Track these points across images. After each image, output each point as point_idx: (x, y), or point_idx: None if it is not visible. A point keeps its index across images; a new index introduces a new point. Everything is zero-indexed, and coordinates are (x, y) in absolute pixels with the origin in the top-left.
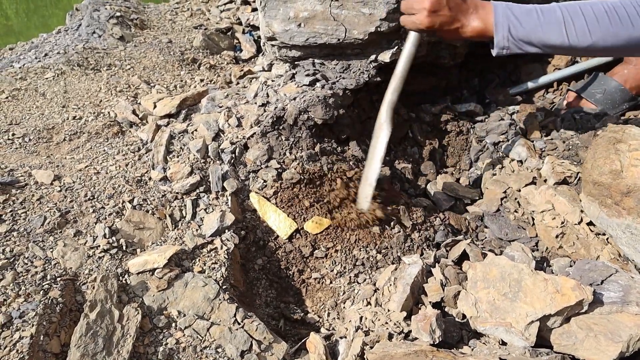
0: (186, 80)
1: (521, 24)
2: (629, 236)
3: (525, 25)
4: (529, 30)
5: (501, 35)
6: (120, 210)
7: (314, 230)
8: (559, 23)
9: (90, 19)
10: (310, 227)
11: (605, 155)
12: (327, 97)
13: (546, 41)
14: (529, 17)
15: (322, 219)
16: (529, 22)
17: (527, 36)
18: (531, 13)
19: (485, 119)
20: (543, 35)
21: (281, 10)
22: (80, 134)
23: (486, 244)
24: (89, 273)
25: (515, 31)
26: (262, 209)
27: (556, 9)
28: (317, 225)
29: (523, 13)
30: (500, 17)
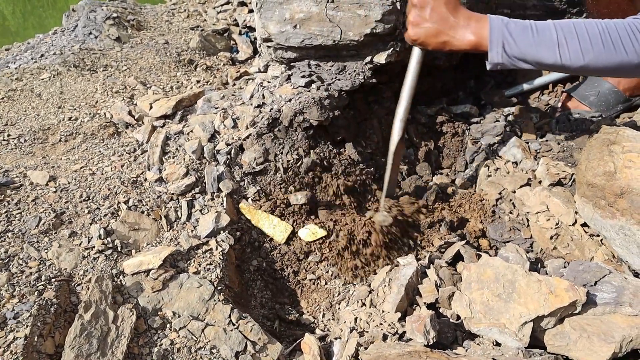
0: (182, 81)
1: (516, 42)
2: (622, 237)
3: (520, 43)
4: (523, 49)
5: (495, 51)
6: (115, 211)
7: (307, 239)
8: (553, 43)
9: (87, 20)
10: (305, 235)
11: (599, 157)
12: (322, 98)
13: (539, 60)
14: (524, 35)
15: (317, 229)
16: (524, 40)
17: (522, 54)
18: (526, 31)
19: (481, 120)
20: (537, 54)
21: (277, 11)
22: (76, 135)
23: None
24: (84, 274)
25: (510, 48)
26: (254, 219)
27: (551, 28)
28: (312, 234)
29: (518, 30)
30: (495, 32)
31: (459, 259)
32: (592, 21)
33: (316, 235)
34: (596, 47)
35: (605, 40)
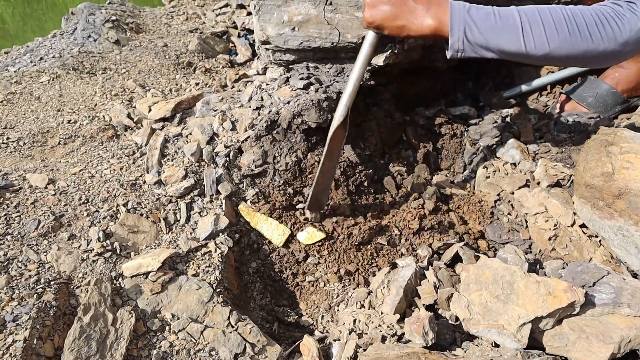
0: (181, 83)
1: (478, 28)
2: (620, 238)
3: (482, 29)
4: (486, 35)
5: (456, 37)
6: (114, 214)
7: (306, 242)
8: (517, 29)
9: (86, 23)
10: (303, 238)
11: (597, 158)
12: (321, 100)
13: (502, 47)
14: (487, 21)
15: (315, 232)
16: (486, 26)
17: (484, 41)
18: (489, 17)
19: (479, 122)
20: (499, 41)
21: (275, 14)
22: (75, 138)
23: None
24: (83, 276)
25: (472, 35)
26: (252, 220)
27: (515, 14)
28: (310, 237)
29: (481, 16)
30: (456, 17)
31: (457, 260)
32: (557, 7)
33: (315, 238)
34: (561, 33)
35: (571, 27)
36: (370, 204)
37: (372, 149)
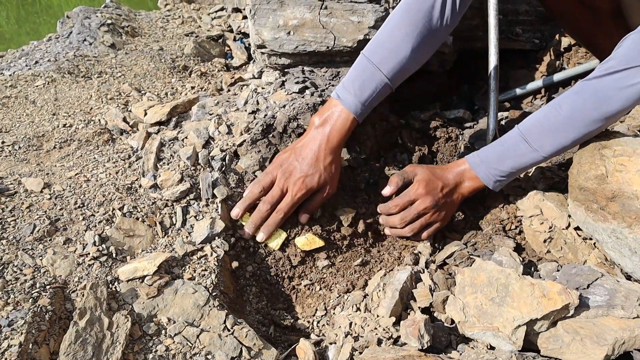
0: (177, 87)
1: (500, 167)
2: (614, 241)
3: (504, 164)
4: (510, 166)
5: (492, 184)
6: (110, 218)
7: (304, 247)
8: (529, 150)
9: (81, 27)
10: (301, 243)
11: (590, 161)
12: (316, 104)
13: (525, 166)
14: (504, 156)
15: (315, 239)
16: (505, 160)
17: (513, 168)
18: (503, 152)
19: (474, 125)
20: (521, 165)
21: (271, 18)
22: (71, 142)
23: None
24: (79, 281)
25: (500, 173)
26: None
27: (517, 137)
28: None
29: (497, 156)
30: (483, 171)
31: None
32: (550, 107)
33: (314, 244)
34: (568, 128)
35: (574, 117)
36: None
37: (367, 153)
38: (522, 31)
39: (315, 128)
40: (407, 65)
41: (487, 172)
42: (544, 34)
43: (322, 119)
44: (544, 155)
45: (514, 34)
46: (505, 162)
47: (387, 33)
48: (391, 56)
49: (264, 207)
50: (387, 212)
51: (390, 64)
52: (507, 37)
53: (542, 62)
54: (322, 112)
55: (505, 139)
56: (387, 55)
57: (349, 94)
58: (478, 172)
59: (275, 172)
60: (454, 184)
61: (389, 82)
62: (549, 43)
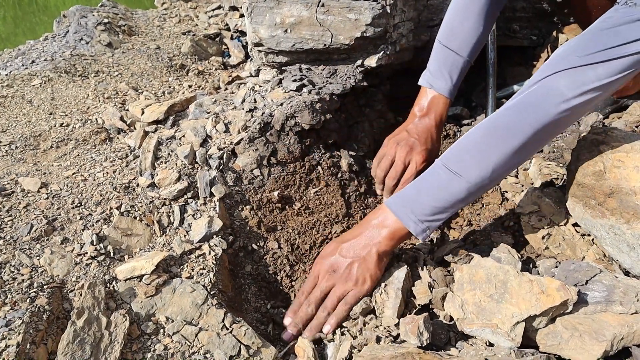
0: (174, 86)
1: (421, 204)
2: (612, 236)
3: (424, 200)
4: (431, 202)
5: (412, 224)
6: (107, 217)
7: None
8: (451, 177)
9: (78, 26)
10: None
11: (588, 157)
12: (313, 102)
13: (455, 201)
14: (423, 190)
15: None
16: (424, 195)
17: (435, 207)
18: (422, 185)
19: (472, 122)
20: (446, 199)
21: (267, 16)
22: (68, 141)
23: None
24: (77, 280)
25: (421, 209)
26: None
27: (438, 169)
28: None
29: (416, 191)
30: (401, 212)
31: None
32: (472, 128)
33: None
34: (489, 145)
35: (494, 132)
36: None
37: (365, 150)
38: (519, 28)
39: (419, 118)
40: (481, 40)
41: (406, 212)
42: (541, 31)
43: (423, 108)
44: (468, 182)
45: (511, 30)
46: (425, 196)
47: (458, 17)
48: (467, 39)
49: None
50: (296, 309)
51: (467, 46)
52: (505, 33)
53: (539, 58)
54: (419, 102)
55: (426, 172)
56: (463, 40)
57: (439, 80)
58: (397, 214)
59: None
60: (362, 236)
61: (469, 60)
62: (546, 40)
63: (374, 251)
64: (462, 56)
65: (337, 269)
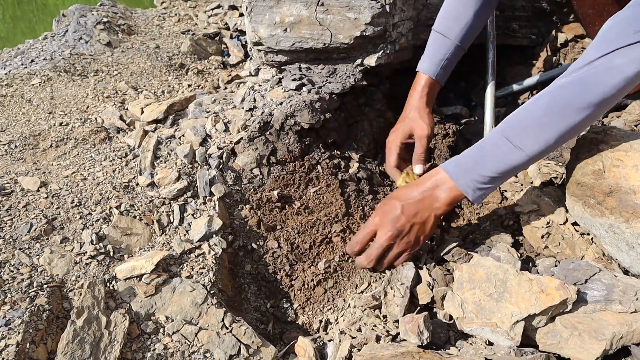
0: (174, 85)
1: (481, 171)
2: (611, 235)
3: (485, 167)
4: (492, 170)
5: (471, 191)
6: (107, 217)
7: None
8: (510, 149)
9: (77, 25)
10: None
11: (587, 156)
12: (313, 101)
13: (511, 168)
14: (484, 159)
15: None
16: (485, 163)
17: (492, 176)
18: (483, 154)
19: (471, 121)
20: (504, 167)
21: (267, 15)
22: (67, 141)
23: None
24: (76, 280)
25: (480, 177)
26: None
27: (497, 137)
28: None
29: (476, 159)
30: (461, 179)
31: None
32: (532, 101)
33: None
34: (551, 121)
35: (555, 108)
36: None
37: (364, 150)
38: (518, 27)
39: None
40: (473, 25)
41: (465, 180)
42: (541, 30)
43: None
44: (528, 155)
45: (511, 30)
46: (485, 166)
47: (450, 4)
48: (458, 25)
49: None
50: (352, 251)
51: (459, 31)
52: (504, 32)
53: (538, 57)
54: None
55: (485, 141)
56: (454, 25)
57: (424, 62)
58: (456, 180)
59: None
60: (422, 200)
61: (459, 44)
62: (545, 39)
63: (433, 216)
64: (448, 38)
65: (401, 230)
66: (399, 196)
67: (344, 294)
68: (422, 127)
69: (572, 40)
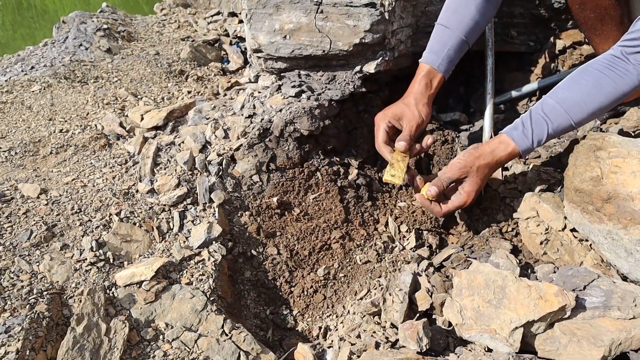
0: (173, 92)
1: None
2: (610, 242)
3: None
4: (548, 135)
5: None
6: (107, 223)
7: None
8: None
9: (77, 32)
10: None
11: (585, 163)
12: (312, 108)
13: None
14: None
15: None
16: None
17: (547, 138)
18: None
19: (470, 127)
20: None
21: (267, 22)
22: (67, 147)
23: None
24: (76, 286)
25: (537, 139)
26: None
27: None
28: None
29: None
30: (523, 146)
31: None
32: (579, 81)
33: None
34: (597, 99)
35: (602, 90)
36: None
37: (364, 156)
38: (517, 34)
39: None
40: (477, 21)
41: (527, 146)
42: (539, 37)
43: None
44: (576, 123)
45: (509, 36)
46: (544, 131)
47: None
48: (458, 16)
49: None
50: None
51: (460, 24)
52: (503, 39)
53: (537, 64)
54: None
55: (543, 109)
56: (454, 17)
57: (427, 53)
58: (520, 146)
59: None
60: (491, 167)
61: (465, 39)
62: (543, 45)
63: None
64: (449, 29)
65: (466, 176)
66: (479, 154)
67: (343, 300)
68: (413, 114)
69: (571, 46)
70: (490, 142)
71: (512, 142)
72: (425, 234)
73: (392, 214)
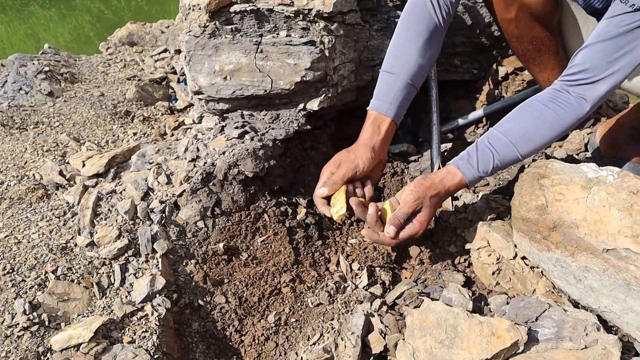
0: (119, 134)
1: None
2: (559, 269)
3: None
4: (493, 166)
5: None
6: (42, 282)
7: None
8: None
9: (17, 75)
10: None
11: (530, 192)
12: (256, 149)
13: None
14: (488, 160)
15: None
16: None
17: (493, 169)
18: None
19: (419, 158)
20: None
21: (206, 64)
22: (2, 201)
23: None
24: (7, 355)
25: (483, 168)
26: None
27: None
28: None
29: (482, 161)
30: (467, 171)
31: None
32: (525, 114)
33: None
34: (540, 132)
35: (545, 124)
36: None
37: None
38: (460, 62)
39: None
40: (420, 63)
41: (474, 176)
42: (482, 64)
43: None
44: (522, 155)
45: (453, 65)
46: (488, 162)
47: (393, 43)
48: (401, 61)
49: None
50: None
51: (403, 68)
52: (446, 68)
53: (481, 91)
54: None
55: (486, 141)
56: (397, 62)
57: (374, 100)
58: (467, 178)
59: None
60: (440, 198)
61: (410, 82)
62: (487, 72)
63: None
64: (393, 73)
65: (420, 207)
66: (427, 186)
67: (295, 346)
68: (351, 161)
69: (512, 73)
70: (439, 172)
71: (459, 173)
72: (378, 271)
73: (343, 252)
